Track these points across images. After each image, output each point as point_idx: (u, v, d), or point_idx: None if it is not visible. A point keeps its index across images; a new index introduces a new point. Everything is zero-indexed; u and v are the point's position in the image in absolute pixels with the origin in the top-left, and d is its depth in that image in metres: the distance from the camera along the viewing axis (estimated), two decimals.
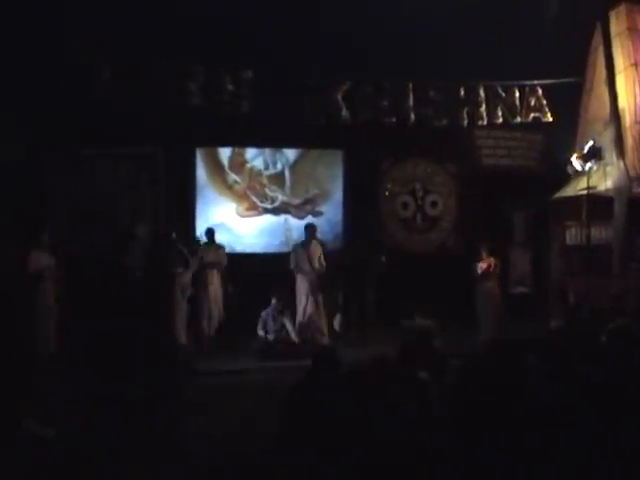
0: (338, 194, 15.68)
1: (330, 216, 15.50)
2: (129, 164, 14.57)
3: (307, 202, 15.50)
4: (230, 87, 14.00)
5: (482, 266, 13.41)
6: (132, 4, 12.80)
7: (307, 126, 14.38)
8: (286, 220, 15.34)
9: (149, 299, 6.58)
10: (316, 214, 15.26)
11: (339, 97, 14.63)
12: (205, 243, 13.64)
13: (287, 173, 15.49)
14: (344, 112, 14.63)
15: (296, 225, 15.09)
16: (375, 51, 13.56)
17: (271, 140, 15.08)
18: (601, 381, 5.15)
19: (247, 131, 14.36)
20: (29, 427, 6.76)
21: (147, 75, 13.46)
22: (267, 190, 15.35)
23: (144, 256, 11.64)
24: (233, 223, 14.99)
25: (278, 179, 15.46)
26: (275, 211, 15.40)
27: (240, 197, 15.25)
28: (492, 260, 13.44)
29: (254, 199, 15.29)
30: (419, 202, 16.20)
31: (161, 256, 10.65)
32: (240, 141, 15.13)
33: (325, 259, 13.55)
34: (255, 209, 15.30)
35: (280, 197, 15.39)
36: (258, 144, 15.29)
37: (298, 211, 15.28)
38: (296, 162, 15.58)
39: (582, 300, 12.86)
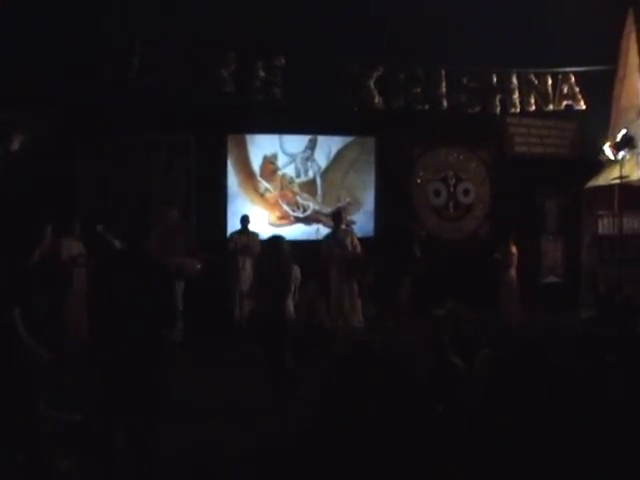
0: (370, 203, 15.51)
1: (362, 225, 15.17)
2: (161, 151, 14.54)
3: None
4: (262, 74, 14.02)
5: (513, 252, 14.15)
6: None
7: (340, 113, 14.40)
8: (318, 230, 15.10)
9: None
10: (348, 223, 14.57)
11: (372, 84, 14.63)
12: (239, 230, 13.74)
13: (318, 181, 15.32)
14: (377, 99, 14.64)
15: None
16: (408, 37, 13.48)
17: (303, 127, 15.00)
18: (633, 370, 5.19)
19: (279, 118, 14.29)
20: (49, 412, 6.86)
21: (179, 61, 13.53)
22: (299, 198, 15.19)
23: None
24: (265, 233, 13.97)
25: (309, 187, 15.30)
26: (307, 220, 15.24)
27: (272, 206, 15.09)
28: (514, 250, 14.17)
29: (285, 208, 15.14)
30: (451, 190, 16.08)
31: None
32: (271, 128, 14.98)
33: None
34: (287, 218, 15.16)
35: (312, 206, 15.24)
36: (289, 131, 15.14)
37: (330, 220, 14.48)
38: (327, 170, 15.37)
39: (613, 290, 12.83)
